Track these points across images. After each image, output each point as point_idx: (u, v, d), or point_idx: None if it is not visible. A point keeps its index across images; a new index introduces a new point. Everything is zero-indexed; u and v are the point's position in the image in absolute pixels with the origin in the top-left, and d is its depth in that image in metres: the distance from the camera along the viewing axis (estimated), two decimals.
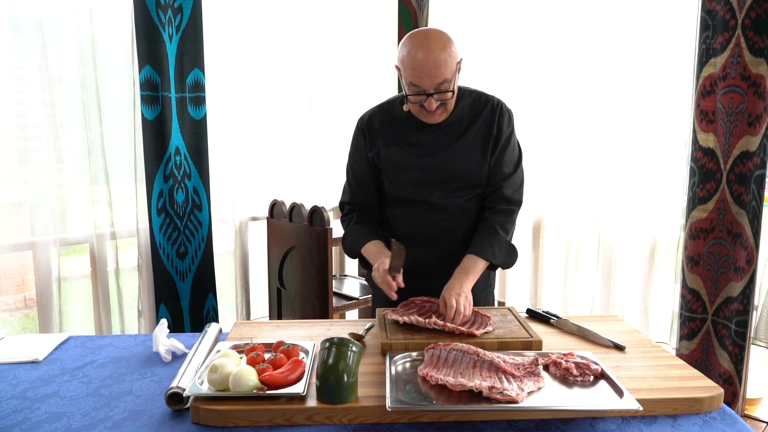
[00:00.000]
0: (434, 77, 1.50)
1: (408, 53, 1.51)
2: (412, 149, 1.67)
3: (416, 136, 1.67)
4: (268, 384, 1.20)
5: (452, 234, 1.71)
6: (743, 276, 2.34)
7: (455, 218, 1.70)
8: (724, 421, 1.18)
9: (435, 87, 1.52)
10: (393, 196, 1.73)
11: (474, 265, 1.61)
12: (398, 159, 1.68)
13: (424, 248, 1.69)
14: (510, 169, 1.70)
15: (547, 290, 3.20)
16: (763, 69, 2.23)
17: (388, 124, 1.70)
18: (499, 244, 1.65)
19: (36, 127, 2.35)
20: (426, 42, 1.49)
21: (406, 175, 1.68)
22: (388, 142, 1.69)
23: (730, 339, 2.40)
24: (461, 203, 1.69)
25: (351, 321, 1.71)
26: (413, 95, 1.55)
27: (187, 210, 2.58)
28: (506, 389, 1.16)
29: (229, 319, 2.94)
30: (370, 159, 1.72)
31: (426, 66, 1.48)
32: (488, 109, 1.68)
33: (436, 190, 1.67)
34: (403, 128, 1.68)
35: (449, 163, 1.65)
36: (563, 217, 3.07)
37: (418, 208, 1.70)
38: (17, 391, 1.32)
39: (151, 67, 2.40)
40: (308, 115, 3.05)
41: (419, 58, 1.49)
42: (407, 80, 1.54)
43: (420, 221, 1.70)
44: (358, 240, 1.72)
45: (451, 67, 1.51)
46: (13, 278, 2.76)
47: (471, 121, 1.67)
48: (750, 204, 2.32)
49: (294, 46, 2.95)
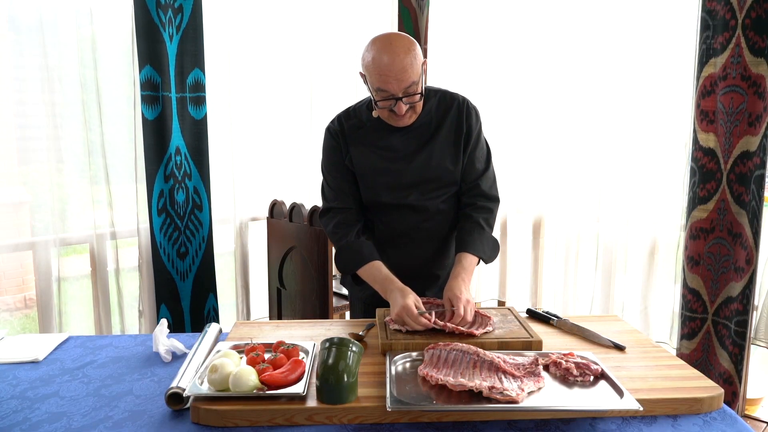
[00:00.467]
0: (402, 81, 1.49)
1: (373, 59, 1.50)
2: (384, 153, 1.67)
3: (387, 140, 1.66)
4: (268, 384, 1.20)
5: (432, 234, 1.72)
6: (743, 276, 2.34)
7: (434, 219, 1.71)
8: (724, 421, 1.18)
9: (403, 90, 1.51)
10: (371, 200, 1.72)
11: (470, 263, 1.62)
12: (372, 164, 1.67)
13: (405, 250, 1.70)
14: (482, 165, 1.72)
15: (547, 290, 3.20)
16: (764, 69, 2.23)
17: (357, 129, 1.68)
18: (487, 239, 1.68)
19: (36, 127, 2.35)
20: (390, 46, 1.49)
21: (382, 179, 1.67)
22: (360, 148, 1.67)
23: (730, 339, 2.40)
24: (438, 204, 1.70)
25: (351, 321, 1.71)
26: (382, 100, 1.54)
27: (188, 210, 2.58)
28: (506, 389, 1.16)
29: (229, 319, 2.94)
30: (345, 165, 1.70)
31: (392, 70, 1.48)
32: (455, 107, 1.68)
33: (414, 192, 1.67)
34: (373, 133, 1.67)
35: (424, 164, 1.66)
36: (563, 217, 3.07)
37: (397, 212, 1.70)
38: (17, 391, 1.31)
39: (151, 67, 2.40)
40: (308, 115, 3.05)
41: (385, 63, 1.48)
42: (374, 86, 1.52)
43: (399, 224, 1.71)
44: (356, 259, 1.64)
45: (417, 70, 1.51)
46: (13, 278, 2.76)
47: (439, 121, 1.67)
48: (750, 204, 2.32)
49: (294, 46, 2.95)
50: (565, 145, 3.01)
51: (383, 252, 1.69)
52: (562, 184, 3.04)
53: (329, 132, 1.72)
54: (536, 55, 3.02)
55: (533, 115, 3.06)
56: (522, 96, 3.06)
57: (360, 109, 1.71)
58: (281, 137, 2.99)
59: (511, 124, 3.12)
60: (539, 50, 3.01)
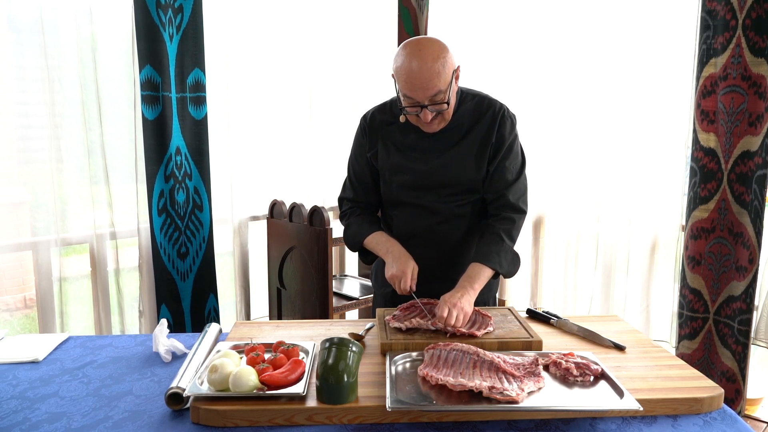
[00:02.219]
0: (427, 89, 1.48)
1: (401, 64, 1.49)
2: (408, 152, 1.67)
3: (414, 140, 1.66)
4: (268, 384, 1.20)
5: (448, 237, 1.70)
6: (745, 275, 2.34)
7: (450, 222, 1.69)
8: (724, 421, 1.18)
9: (429, 99, 1.50)
10: (387, 197, 1.73)
11: (479, 274, 1.58)
12: (394, 161, 1.68)
13: (421, 250, 1.69)
14: (513, 176, 1.68)
15: (547, 290, 3.20)
16: (764, 69, 2.23)
17: (388, 125, 1.69)
18: (505, 252, 1.63)
19: (36, 127, 2.35)
20: (419, 52, 1.47)
21: (399, 177, 1.68)
22: (387, 144, 1.69)
23: (732, 337, 2.40)
24: (454, 208, 1.68)
25: (351, 321, 1.71)
26: (408, 107, 1.53)
27: (188, 210, 2.58)
28: (506, 389, 1.16)
29: (229, 319, 2.94)
30: (368, 158, 1.72)
31: (419, 78, 1.46)
32: (490, 114, 1.65)
33: (429, 194, 1.67)
34: (402, 130, 1.67)
35: (442, 168, 1.64)
36: (563, 217, 3.07)
37: (412, 211, 1.70)
38: (17, 391, 1.32)
39: (151, 67, 2.40)
40: (308, 115, 3.05)
41: (412, 70, 1.47)
42: (402, 91, 1.52)
43: (414, 224, 1.70)
44: (362, 231, 1.71)
45: (445, 78, 1.49)
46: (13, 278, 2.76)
47: (471, 126, 1.65)
48: (752, 203, 2.32)
49: (294, 46, 2.95)
50: (565, 144, 3.01)
51: None
52: (562, 184, 3.04)
53: (359, 124, 1.74)
54: (536, 55, 3.02)
55: (533, 114, 3.05)
56: (522, 96, 3.06)
57: (394, 103, 1.70)
58: (281, 137, 2.99)
59: None
60: (539, 50, 3.01)
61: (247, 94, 2.83)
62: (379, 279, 1.83)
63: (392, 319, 1.55)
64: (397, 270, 1.56)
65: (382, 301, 1.84)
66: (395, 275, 1.56)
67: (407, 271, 1.56)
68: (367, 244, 1.70)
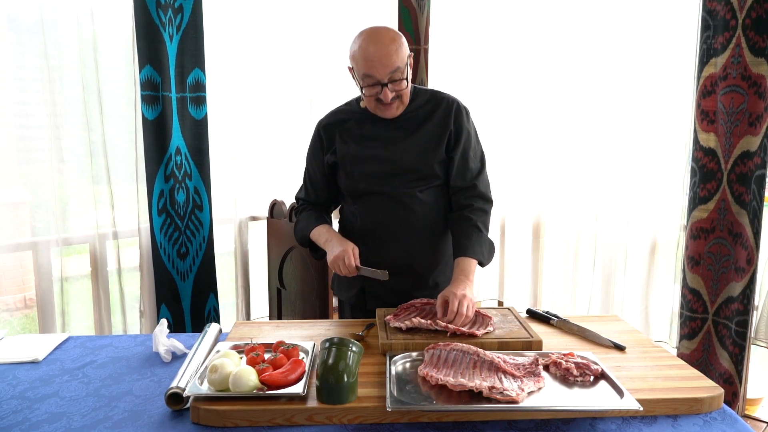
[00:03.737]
0: (386, 66, 1.55)
1: (359, 47, 1.58)
2: (367, 142, 1.71)
3: (371, 130, 1.71)
4: (268, 384, 1.20)
5: (413, 227, 1.71)
6: (743, 276, 2.34)
7: (414, 210, 1.70)
8: (724, 421, 1.18)
9: (389, 76, 1.57)
10: (351, 189, 1.75)
11: (470, 266, 1.63)
12: (354, 152, 1.72)
13: (386, 244, 1.71)
14: (477, 164, 1.74)
15: (547, 290, 3.20)
16: (764, 69, 2.23)
17: (343, 122, 1.75)
18: (484, 242, 1.70)
19: (37, 127, 2.36)
20: (375, 35, 1.57)
21: (361, 167, 1.71)
22: (344, 138, 1.74)
23: (730, 339, 2.40)
24: (416, 194, 1.70)
25: (351, 321, 1.71)
26: (368, 87, 1.59)
27: (188, 210, 2.58)
28: (506, 389, 1.16)
29: (229, 319, 2.94)
30: (325, 162, 1.77)
31: (378, 55, 1.54)
32: (444, 105, 1.71)
33: (392, 181, 1.69)
34: (358, 123, 1.73)
35: (403, 154, 1.68)
36: (563, 217, 3.07)
37: (376, 200, 1.71)
38: (17, 391, 1.32)
39: (151, 66, 2.40)
40: (308, 115, 3.05)
41: (371, 50, 1.55)
42: (360, 73, 1.59)
43: (378, 214, 1.71)
44: (309, 224, 1.77)
45: (402, 57, 1.57)
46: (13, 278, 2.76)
47: (426, 116, 1.70)
48: (751, 204, 2.32)
49: (294, 45, 2.95)
50: (564, 145, 3.00)
51: (366, 246, 1.70)
52: (562, 185, 3.04)
53: (315, 129, 1.80)
54: (536, 54, 3.02)
55: (533, 114, 3.05)
56: (522, 96, 3.06)
57: (349, 103, 1.80)
58: (281, 137, 2.98)
59: (510, 124, 3.12)
60: (539, 50, 3.01)
61: (247, 94, 2.83)
62: (343, 286, 1.84)
63: (393, 318, 1.55)
64: (339, 251, 1.61)
65: (349, 309, 1.86)
66: (337, 256, 1.61)
67: (348, 249, 1.61)
68: (312, 236, 1.75)
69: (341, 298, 1.90)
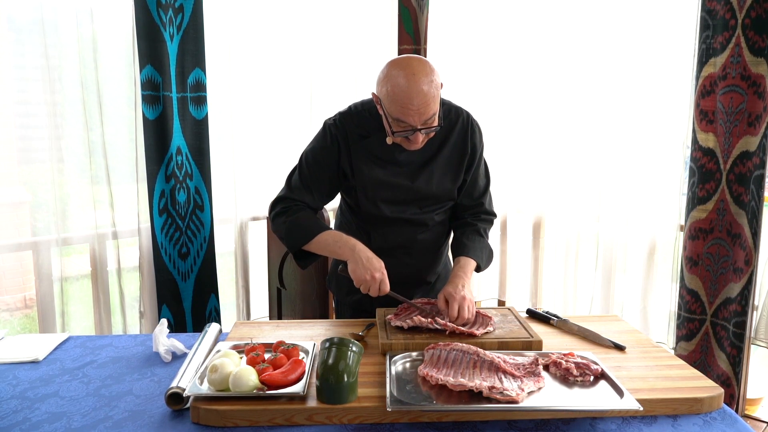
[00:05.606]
0: (423, 114, 1.45)
1: (393, 89, 1.44)
2: (390, 168, 1.64)
3: (392, 154, 1.63)
4: (268, 384, 1.20)
5: (426, 246, 1.75)
6: (742, 277, 2.34)
7: (430, 231, 1.73)
8: (724, 421, 1.18)
9: (423, 123, 1.47)
10: (369, 212, 1.68)
11: (469, 266, 1.64)
12: (376, 177, 1.63)
13: (400, 260, 1.71)
14: (484, 182, 1.76)
15: (547, 290, 3.20)
16: (763, 69, 2.23)
17: (362, 138, 1.63)
18: (485, 247, 1.72)
19: (37, 127, 2.35)
20: (412, 76, 1.42)
21: (383, 193, 1.65)
22: (365, 159, 1.63)
23: (728, 340, 2.40)
24: (433, 217, 1.72)
25: (351, 321, 1.71)
26: (399, 129, 1.49)
27: (189, 210, 2.58)
28: (506, 389, 1.16)
29: (229, 319, 2.94)
30: (337, 167, 1.65)
31: (414, 103, 1.43)
32: (460, 123, 1.67)
33: (411, 208, 1.68)
34: (378, 145, 1.62)
35: (426, 182, 1.65)
36: (563, 217, 3.07)
37: (393, 224, 1.69)
38: (17, 391, 1.32)
39: (152, 66, 2.40)
40: (309, 114, 3.05)
41: (406, 95, 1.42)
42: (392, 116, 1.47)
43: (396, 236, 1.71)
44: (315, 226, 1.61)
45: (437, 99, 1.47)
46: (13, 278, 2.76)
47: (444, 135, 1.65)
48: (749, 204, 2.31)
49: (295, 45, 2.95)
50: (564, 145, 3.01)
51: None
52: (562, 184, 3.04)
53: (328, 132, 1.65)
54: (536, 55, 3.02)
55: (533, 115, 3.05)
56: (522, 96, 3.06)
57: (363, 114, 1.64)
58: (282, 137, 2.98)
59: (511, 124, 3.12)
60: (539, 50, 3.01)
61: (248, 93, 2.83)
62: (344, 287, 1.79)
63: (393, 317, 1.55)
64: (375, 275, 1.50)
65: (350, 311, 1.84)
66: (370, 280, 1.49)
67: (384, 272, 1.51)
68: (318, 241, 1.59)
69: (340, 299, 1.90)
